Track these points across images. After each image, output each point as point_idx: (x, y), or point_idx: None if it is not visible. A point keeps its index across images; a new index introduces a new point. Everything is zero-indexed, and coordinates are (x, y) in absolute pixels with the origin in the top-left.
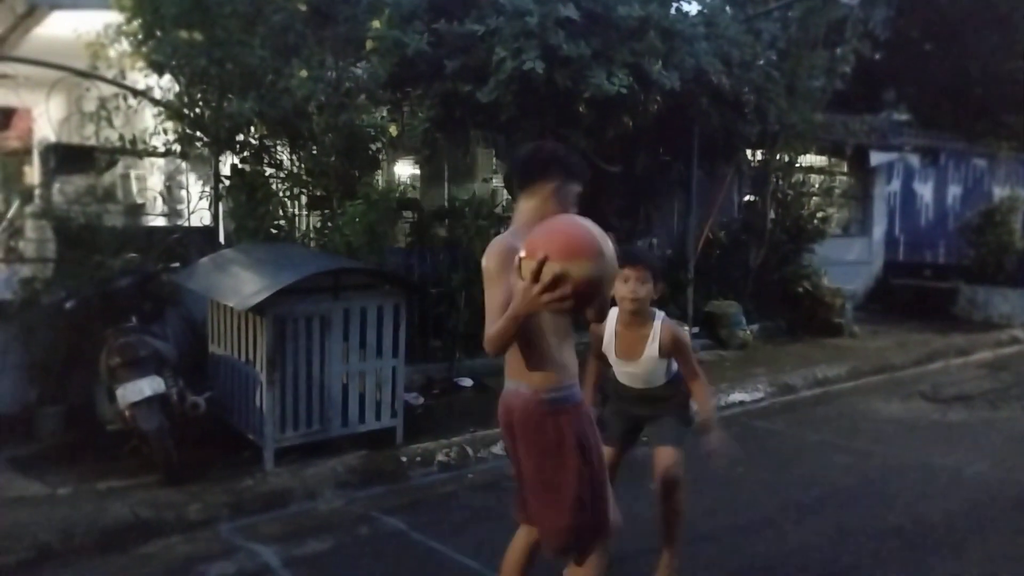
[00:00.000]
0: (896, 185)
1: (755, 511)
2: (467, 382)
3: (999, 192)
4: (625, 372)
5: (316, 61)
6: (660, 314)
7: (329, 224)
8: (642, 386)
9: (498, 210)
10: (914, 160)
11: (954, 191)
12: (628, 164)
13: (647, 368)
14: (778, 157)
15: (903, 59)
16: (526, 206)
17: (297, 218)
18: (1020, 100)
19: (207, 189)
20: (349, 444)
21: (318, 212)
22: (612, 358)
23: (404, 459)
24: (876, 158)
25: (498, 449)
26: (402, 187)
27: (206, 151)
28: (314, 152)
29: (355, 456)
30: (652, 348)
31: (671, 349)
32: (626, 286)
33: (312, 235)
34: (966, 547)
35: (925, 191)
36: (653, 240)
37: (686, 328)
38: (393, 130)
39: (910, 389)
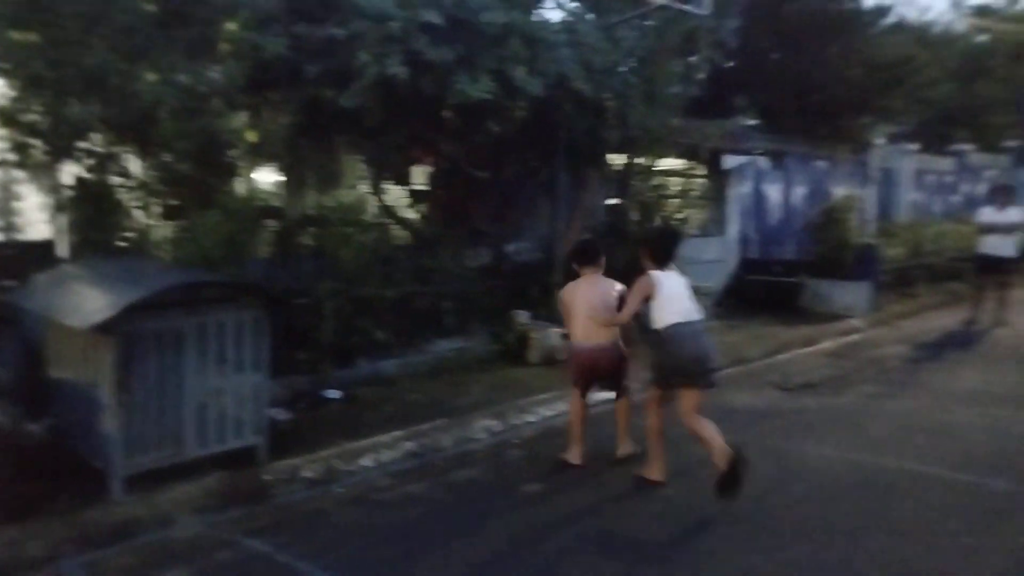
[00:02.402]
0: (748, 187)
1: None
2: (335, 394)
3: (838, 192)
4: None
5: (166, 64)
6: None
7: (185, 235)
8: None
9: (366, 218)
10: (764, 163)
11: (800, 191)
12: (496, 169)
13: None
14: (639, 161)
15: (752, 67)
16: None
17: (149, 229)
18: (856, 106)
19: (48, 201)
20: (209, 465)
21: (173, 222)
22: None
23: (268, 478)
24: (729, 161)
25: (368, 461)
26: (264, 195)
27: (45, 160)
28: (166, 160)
29: (215, 478)
30: None
31: None
32: None
33: (166, 247)
34: (811, 526)
35: (774, 192)
36: (522, 244)
37: (554, 330)
38: (252, 136)
39: (762, 379)
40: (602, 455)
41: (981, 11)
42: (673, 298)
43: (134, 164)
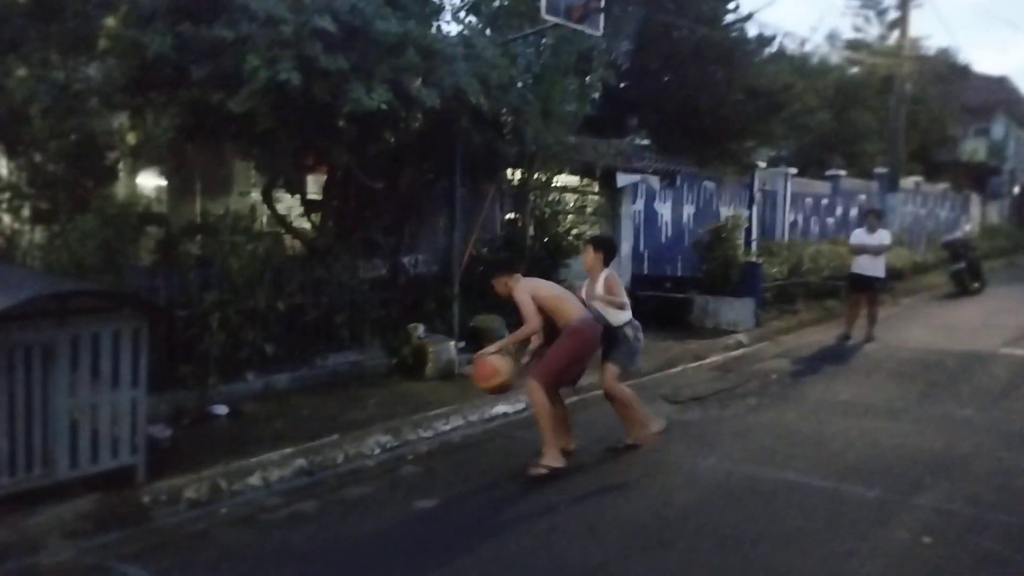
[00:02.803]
0: (640, 204)
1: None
2: (222, 410)
3: (725, 211)
4: None
5: (39, 59)
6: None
7: (57, 241)
8: None
9: (257, 226)
10: (654, 182)
11: (689, 211)
12: (393, 180)
13: None
14: (536, 176)
15: (645, 89)
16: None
17: (17, 234)
18: (740, 130)
19: None
20: (82, 487)
21: (44, 227)
22: None
23: (147, 499)
24: (622, 179)
25: (255, 480)
26: (146, 200)
27: None
28: (37, 160)
29: (87, 500)
30: None
31: None
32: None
33: (36, 254)
34: (702, 534)
35: (665, 210)
36: (419, 256)
37: (452, 344)
38: (132, 138)
39: (654, 393)
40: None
41: (853, 45)
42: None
43: (1, 164)
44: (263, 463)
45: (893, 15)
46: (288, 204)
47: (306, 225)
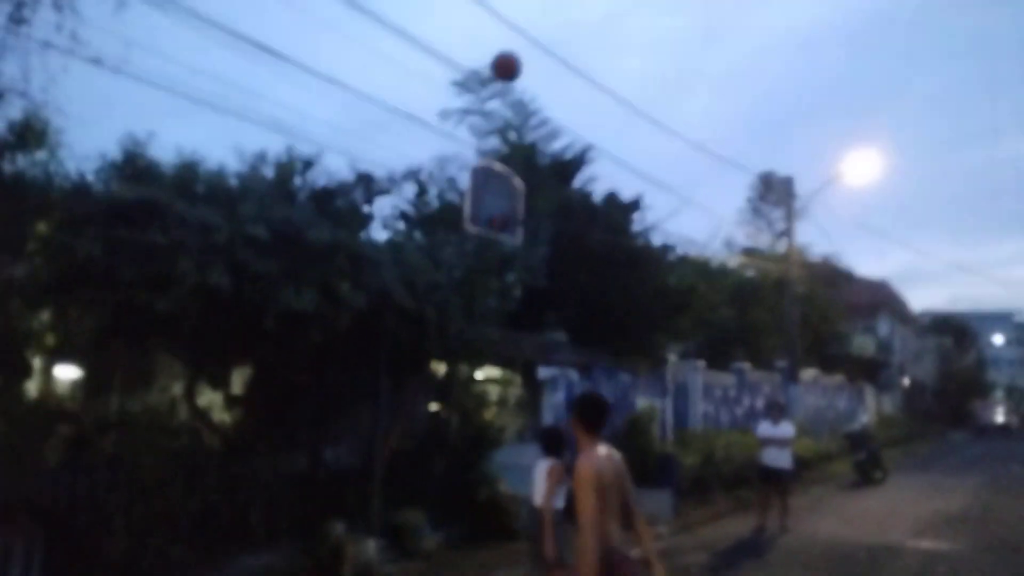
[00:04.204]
0: (561, 396)
1: None
2: None
3: (641, 402)
4: None
5: None
6: None
7: None
8: None
9: (176, 422)
10: (573, 374)
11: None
12: (318, 375)
13: None
14: (459, 370)
15: (562, 287)
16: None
17: None
18: (650, 326)
19: None
20: None
21: None
22: None
23: None
24: (543, 372)
25: None
26: (59, 397)
27: None
28: None
29: None
30: None
31: None
32: None
33: None
34: None
35: None
36: (341, 449)
37: (371, 542)
38: (51, 338)
39: None
40: None
41: (748, 252)
42: None
43: None
44: None
45: (781, 226)
46: (210, 398)
47: (228, 419)
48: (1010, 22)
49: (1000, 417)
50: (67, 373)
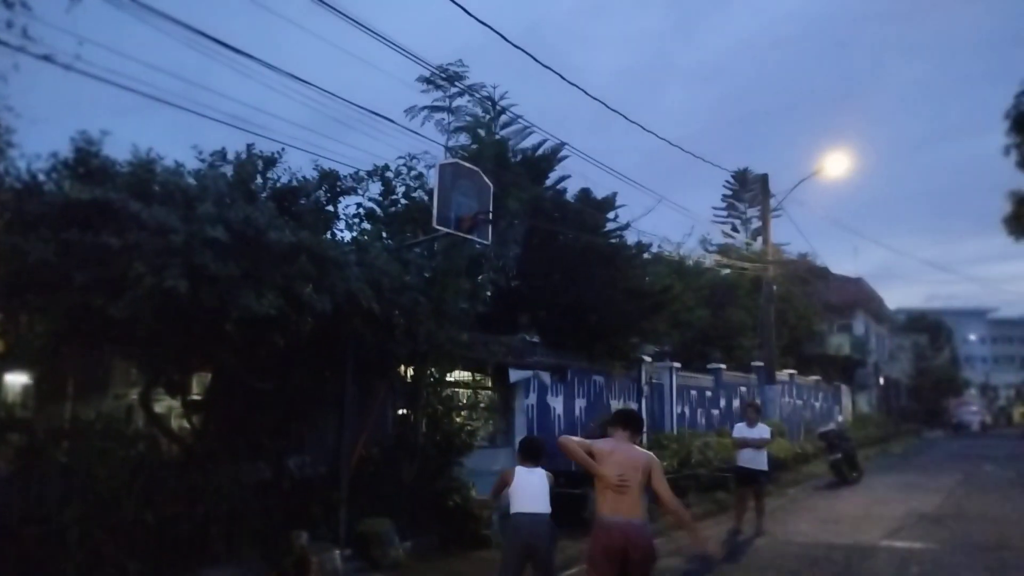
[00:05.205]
0: (533, 399)
1: None
2: None
3: (615, 404)
4: None
5: None
6: None
7: None
8: None
9: (132, 430)
10: (546, 377)
11: (580, 404)
12: (281, 380)
13: None
14: (429, 373)
15: (534, 288)
16: None
17: None
18: (625, 327)
19: None
20: None
21: None
22: None
23: None
24: (514, 375)
25: None
26: (8, 405)
27: None
28: None
29: None
30: None
31: None
32: None
33: None
34: None
35: (557, 404)
36: (306, 457)
37: (337, 552)
38: (1, 344)
39: None
40: None
41: (724, 250)
42: None
43: None
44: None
45: (756, 224)
46: (168, 404)
47: (187, 427)
48: (983, 18)
49: (975, 416)
50: (18, 380)
